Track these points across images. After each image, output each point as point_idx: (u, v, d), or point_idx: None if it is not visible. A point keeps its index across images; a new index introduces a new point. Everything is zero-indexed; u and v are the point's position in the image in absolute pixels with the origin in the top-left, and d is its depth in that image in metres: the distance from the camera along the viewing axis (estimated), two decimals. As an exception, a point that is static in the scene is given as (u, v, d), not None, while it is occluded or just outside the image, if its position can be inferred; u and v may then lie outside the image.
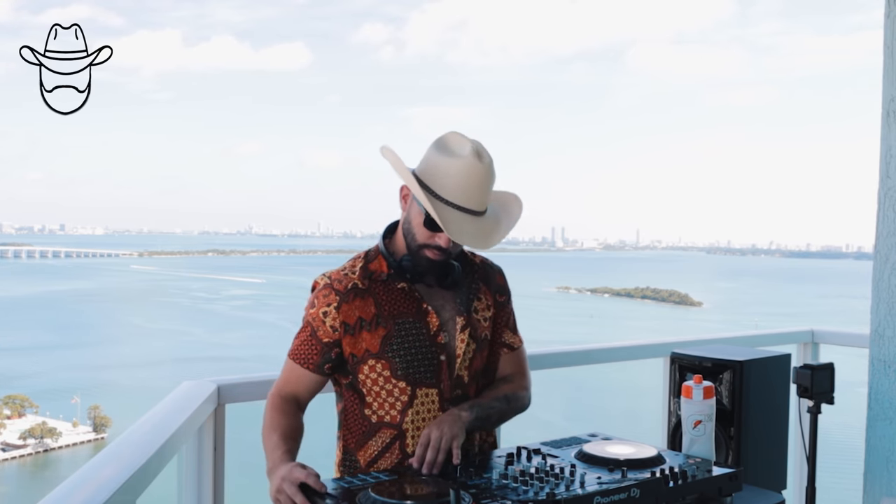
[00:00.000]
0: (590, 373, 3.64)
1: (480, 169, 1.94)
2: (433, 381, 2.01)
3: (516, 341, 2.21)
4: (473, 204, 1.95)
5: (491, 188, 1.99)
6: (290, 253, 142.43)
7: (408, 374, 2.00)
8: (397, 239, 2.07)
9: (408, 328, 2.01)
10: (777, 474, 2.51)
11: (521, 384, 2.17)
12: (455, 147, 1.96)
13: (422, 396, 2.01)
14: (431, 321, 2.03)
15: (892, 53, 2.72)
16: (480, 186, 1.95)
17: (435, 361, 2.01)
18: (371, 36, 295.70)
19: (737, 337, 3.62)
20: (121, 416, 36.96)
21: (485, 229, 1.98)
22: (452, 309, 2.07)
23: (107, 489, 1.48)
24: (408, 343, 2.00)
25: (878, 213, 2.77)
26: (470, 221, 1.95)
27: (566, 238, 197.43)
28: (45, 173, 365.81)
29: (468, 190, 1.93)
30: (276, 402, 2.03)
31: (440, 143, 1.98)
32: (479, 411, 2.02)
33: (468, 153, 1.93)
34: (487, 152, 1.98)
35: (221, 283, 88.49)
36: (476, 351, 2.08)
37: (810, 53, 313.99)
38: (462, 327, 2.06)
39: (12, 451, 36.61)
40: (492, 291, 2.17)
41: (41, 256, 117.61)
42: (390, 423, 2.01)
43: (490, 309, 2.15)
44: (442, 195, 1.93)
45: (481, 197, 1.96)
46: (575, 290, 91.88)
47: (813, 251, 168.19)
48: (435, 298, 2.06)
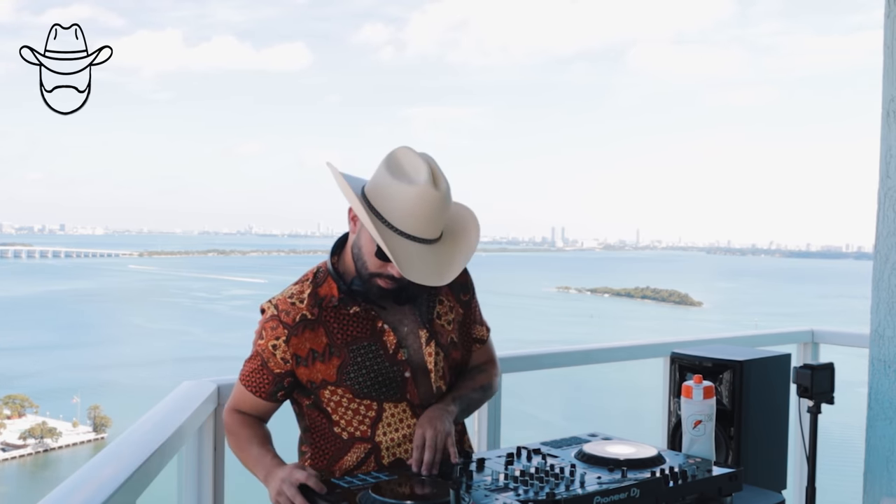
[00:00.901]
0: (590, 373, 3.65)
1: (437, 197, 1.81)
2: (398, 396, 1.96)
3: (484, 333, 2.17)
4: (428, 233, 1.85)
5: (446, 215, 1.89)
6: (290, 253, 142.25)
7: (371, 394, 1.94)
8: (346, 258, 1.99)
9: (363, 353, 1.94)
10: (777, 474, 2.51)
11: (492, 372, 2.17)
12: (410, 171, 1.84)
13: (390, 409, 1.96)
14: (388, 340, 1.96)
15: (892, 53, 2.72)
16: (436, 215, 1.84)
17: (399, 379, 1.95)
18: (371, 36, 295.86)
19: (737, 337, 3.62)
20: (121, 416, 36.96)
21: (441, 261, 1.88)
22: (413, 322, 1.99)
23: (107, 489, 1.47)
24: (365, 368, 1.93)
25: (878, 213, 2.77)
26: (424, 253, 1.85)
27: (566, 238, 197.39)
28: (46, 173, 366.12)
29: (423, 219, 1.82)
30: (239, 418, 2.02)
31: (393, 165, 1.86)
32: (462, 403, 2.01)
33: (424, 180, 1.81)
34: (443, 175, 1.86)
35: (221, 283, 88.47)
36: (446, 359, 2.03)
37: (810, 53, 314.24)
38: (427, 340, 1.99)
39: (12, 451, 36.60)
40: (454, 292, 2.09)
41: (41, 256, 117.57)
42: (362, 437, 1.97)
43: (453, 311, 2.08)
44: (394, 224, 1.82)
45: (436, 225, 1.86)
46: (575, 290, 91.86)
47: (813, 251, 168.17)
48: (391, 314, 1.99)
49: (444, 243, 1.91)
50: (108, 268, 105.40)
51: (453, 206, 1.94)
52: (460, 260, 1.93)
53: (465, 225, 1.98)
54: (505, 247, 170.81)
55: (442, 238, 1.91)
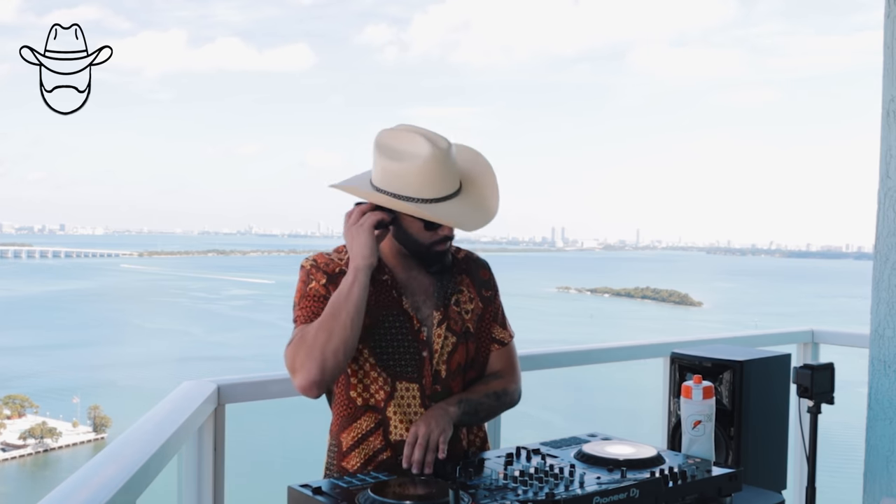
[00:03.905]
0: (590, 373, 3.65)
1: (442, 155, 1.91)
2: (414, 375, 1.99)
3: (506, 336, 2.17)
4: (450, 188, 1.94)
5: (456, 163, 1.97)
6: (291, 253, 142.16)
7: (388, 367, 1.98)
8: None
9: (391, 321, 2.00)
10: (777, 474, 2.51)
11: (510, 379, 2.14)
12: (406, 147, 1.92)
13: (402, 390, 1.99)
14: (413, 317, 2.01)
15: (892, 53, 2.72)
16: (449, 170, 1.93)
17: (417, 357, 2.00)
18: (374, 37, 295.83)
19: (737, 337, 3.62)
20: (121, 416, 36.96)
21: (476, 203, 1.98)
22: (430, 304, 2.05)
23: (107, 489, 1.47)
24: (389, 335, 1.99)
25: (878, 213, 2.77)
26: (459, 204, 1.94)
27: (566, 238, 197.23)
28: (47, 173, 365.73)
29: (441, 179, 1.91)
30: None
31: (387, 150, 1.93)
32: (467, 406, 2.00)
33: (425, 148, 1.90)
34: (431, 133, 1.93)
35: (221, 283, 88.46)
36: (455, 345, 2.04)
37: (811, 54, 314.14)
38: (439, 322, 2.03)
39: (12, 451, 36.58)
40: (476, 286, 2.14)
41: (41, 256, 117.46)
42: (375, 406, 2.00)
43: (473, 303, 2.11)
44: (424, 197, 1.91)
45: (454, 178, 1.95)
46: (575, 290, 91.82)
47: (813, 251, 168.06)
48: (414, 293, 2.04)
49: (467, 189, 1.99)
50: (108, 268, 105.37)
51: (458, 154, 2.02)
52: (493, 199, 2.01)
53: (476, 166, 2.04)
54: (505, 247, 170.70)
55: (462, 184, 1.99)
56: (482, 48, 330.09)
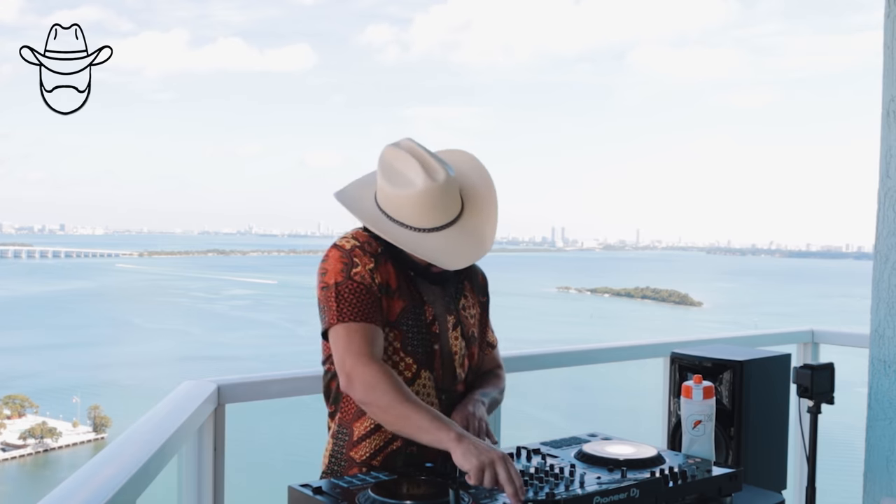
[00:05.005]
0: (590, 373, 3.64)
1: (439, 188, 1.88)
2: (431, 364, 2.01)
3: (495, 339, 2.27)
4: (448, 217, 1.93)
5: (456, 192, 1.94)
6: (291, 253, 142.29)
7: (415, 352, 1.98)
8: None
9: (414, 310, 2.00)
10: (777, 474, 2.51)
11: (503, 376, 2.25)
12: (405, 173, 1.89)
13: (424, 378, 1.99)
14: (427, 310, 2.02)
15: (892, 53, 2.72)
16: (447, 201, 1.91)
17: (430, 348, 2.00)
18: (375, 37, 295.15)
19: (737, 337, 3.62)
20: (121, 416, 36.96)
21: (474, 233, 1.96)
22: (443, 306, 2.06)
23: (107, 489, 1.47)
24: (412, 321, 1.98)
25: (878, 213, 2.77)
26: (455, 234, 1.93)
27: (566, 238, 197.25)
28: (47, 173, 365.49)
29: (437, 209, 1.90)
30: (385, 369, 1.83)
31: (388, 171, 1.91)
32: (488, 399, 2.08)
33: (420, 180, 1.87)
34: (435, 159, 1.90)
35: (221, 283, 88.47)
36: (468, 348, 2.08)
37: (811, 54, 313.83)
38: (453, 325, 2.06)
39: (12, 451, 36.58)
40: (476, 292, 2.18)
41: (41, 256, 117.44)
42: None
43: (474, 308, 2.15)
44: (418, 226, 1.89)
45: (452, 206, 1.93)
46: (575, 290, 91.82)
47: (813, 251, 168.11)
48: (428, 293, 2.04)
49: (467, 212, 1.98)
50: (108, 268, 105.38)
51: (457, 169, 1.99)
52: (489, 229, 1.99)
53: (480, 189, 2.01)
54: (505, 247, 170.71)
55: (464, 207, 1.98)
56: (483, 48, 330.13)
